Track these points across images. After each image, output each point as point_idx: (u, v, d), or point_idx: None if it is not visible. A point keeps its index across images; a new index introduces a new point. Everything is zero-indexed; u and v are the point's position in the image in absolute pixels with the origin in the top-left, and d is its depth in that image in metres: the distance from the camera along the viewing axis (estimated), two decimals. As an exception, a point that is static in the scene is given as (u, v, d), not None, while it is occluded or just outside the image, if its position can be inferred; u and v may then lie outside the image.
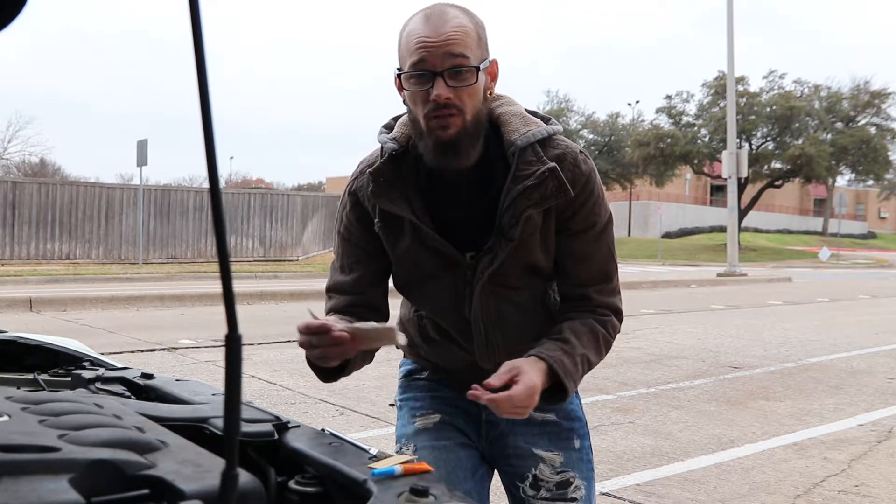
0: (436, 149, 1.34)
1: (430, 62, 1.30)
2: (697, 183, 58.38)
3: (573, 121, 45.57)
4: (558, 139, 1.44)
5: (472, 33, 1.33)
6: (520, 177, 1.38)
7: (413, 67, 1.31)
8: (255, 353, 6.99)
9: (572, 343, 1.39)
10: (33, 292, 11.33)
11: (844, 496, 3.55)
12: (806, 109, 39.37)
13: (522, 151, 1.39)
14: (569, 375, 1.35)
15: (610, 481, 3.68)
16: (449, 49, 1.30)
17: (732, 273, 21.06)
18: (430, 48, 1.30)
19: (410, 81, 1.33)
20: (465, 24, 1.33)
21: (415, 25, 1.33)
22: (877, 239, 59.39)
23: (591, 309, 1.45)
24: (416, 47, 1.31)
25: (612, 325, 1.46)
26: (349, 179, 1.53)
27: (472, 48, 1.32)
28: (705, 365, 7.03)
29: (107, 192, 20.07)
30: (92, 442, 0.68)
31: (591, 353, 1.41)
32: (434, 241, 1.42)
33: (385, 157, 1.43)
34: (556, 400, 1.38)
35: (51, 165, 52.10)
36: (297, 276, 17.12)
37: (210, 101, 0.49)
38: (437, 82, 1.30)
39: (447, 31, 1.30)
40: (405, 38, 1.34)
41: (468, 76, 1.32)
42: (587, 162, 1.43)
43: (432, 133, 1.34)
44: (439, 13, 1.33)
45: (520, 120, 1.42)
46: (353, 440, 0.91)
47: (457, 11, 1.35)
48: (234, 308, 0.51)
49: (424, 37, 1.30)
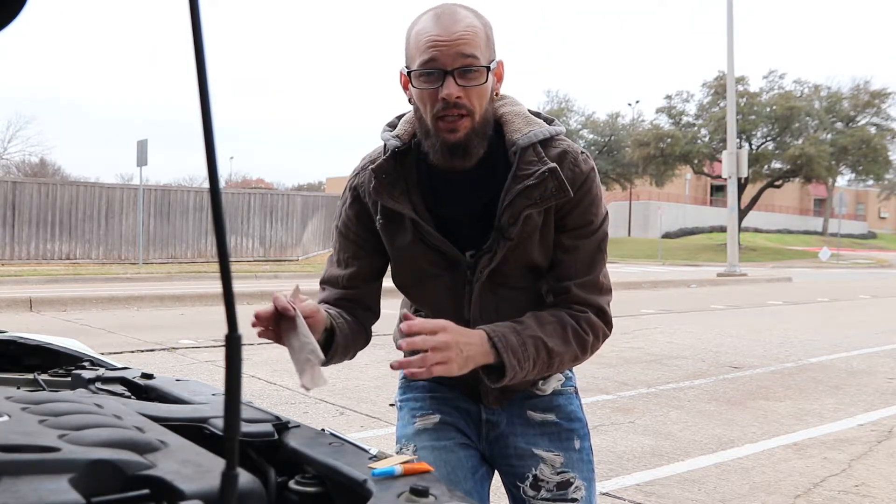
0: (444, 149, 1.35)
1: (440, 61, 1.31)
2: (697, 183, 58.39)
3: (573, 121, 45.54)
4: (560, 139, 1.44)
5: (481, 34, 1.34)
6: (520, 176, 1.38)
7: (423, 66, 1.32)
8: (255, 353, 6.99)
9: (526, 324, 1.38)
10: (33, 292, 11.33)
11: (844, 496, 3.55)
12: (806, 109, 39.36)
13: (524, 151, 1.40)
14: (511, 351, 1.34)
15: (610, 481, 3.68)
16: (460, 49, 1.30)
17: (732, 273, 21.06)
18: (442, 47, 1.30)
19: (420, 80, 1.33)
20: (475, 25, 1.34)
21: (425, 24, 1.34)
22: (877, 239, 59.41)
23: (568, 305, 1.44)
24: (427, 46, 1.31)
25: (587, 320, 1.42)
26: (350, 175, 1.53)
27: (481, 48, 1.33)
28: (705, 365, 7.04)
29: (107, 192, 20.07)
30: (92, 442, 0.68)
31: (551, 339, 1.38)
32: (434, 239, 1.43)
33: (388, 154, 1.44)
34: (498, 376, 1.37)
35: (51, 165, 52.06)
36: (297, 276, 17.12)
37: (210, 101, 0.49)
38: (447, 81, 1.31)
39: (458, 30, 1.31)
40: (414, 37, 1.35)
41: (478, 76, 1.32)
42: (587, 161, 1.44)
43: (440, 134, 1.34)
44: (450, 13, 1.33)
45: (522, 120, 1.43)
46: (353, 440, 0.91)
47: (467, 12, 1.35)
48: (234, 308, 0.51)
49: (435, 35, 1.31)
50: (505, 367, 1.34)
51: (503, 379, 1.36)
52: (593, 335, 1.43)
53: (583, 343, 1.42)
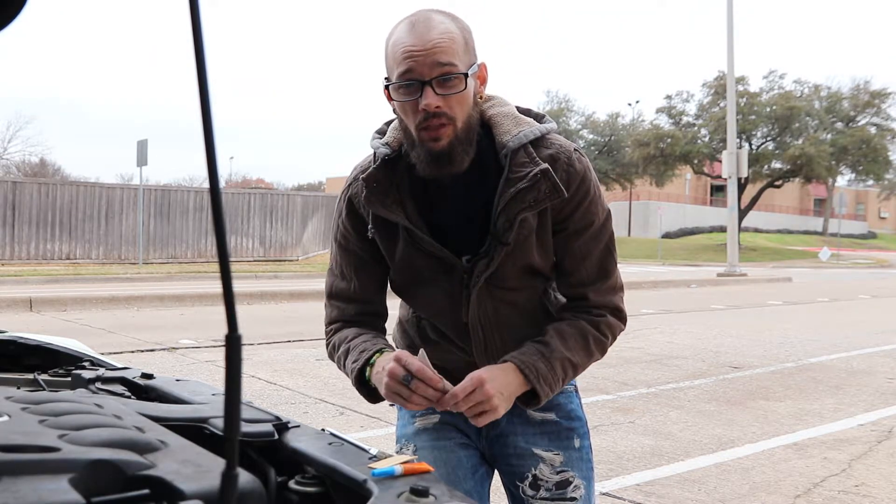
0: (428, 159, 1.34)
1: (417, 71, 1.28)
2: (697, 183, 58.39)
3: (573, 121, 45.54)
4: (552, 138, 1.42)
5: (458, 39, 1.31)
6: (512, 179, 1.36)
7: (401, 77, 1.30)
8: (255, 353, 6.99)
9: (552, 346, 1.40)
10: (33, 292, 11.33)
11: (844, 496, 3.55)
12: (806, 109, 39.36)
13: (514, 153, 1.38)
14: (542, 380, 1.38)
15: (610, 481, 3.68)
16: (436, 57, 1.28)
17: (732, 273, 21.06)
18: (417, 57, 1.28)
19: (399, 91, 1.31)
20: (451, 31, 1.31)
21: (400, 34, 1.31)
22: (877, 239, 59.40)
23: (587, 309, 1.45)
24: (403, 57, 1.29)
25: (606, 324, 1.45)
26: (344, 186, 1.52)
27: (459, 54, 1.30)
28: (705, 365, 7.04)
29: (107, 192, 20.07)
30: (92, 442, 0.68)
31: (576, 355, 1.42)
32: (429, 246, 1.42)
33: (378, 162, 1.42)
34: (532, 404, 1.42)
35: (51, 165, 52.05)
36: (297, 276, 17.12)
37: (210, 101, 0.49)
38: (425, 91, 1.29)
39: (433, 38, 1.28)
40: (391, 48, 1.32)
41: (457, 83, 1.30)
42: (581, 160, 1.41)
43: (424, 144, 1.33)
44: (424, 20, 1.31)
45: (511, 121, 1.41)
46: (353, 440, 0.91)
47: (442, 17, 1.32)
48: (234, 308, 0.51)
49: (410, 46, 1.29)
50: (538, 394, 1.39)
51: (535, 403, 1.42)
52: (611, 336, 1.48)
53: (602, 347, 1.47)
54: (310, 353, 7.11)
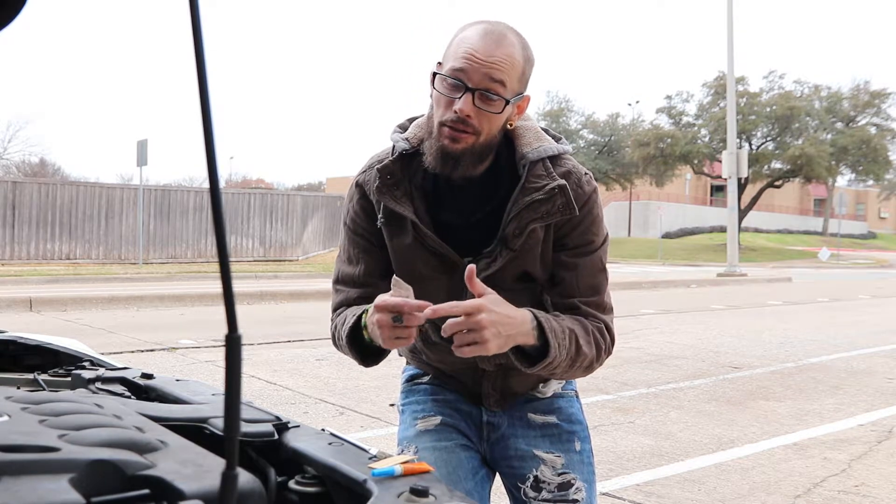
0: (438, 154, 1.36)
1: (468, 75, 1.31)
2: (697, 183, 58.40)
3: (573, 121, 45.59)
4: (566, 158, 1.46)
5: (518, 67, 1.35)
6: (528, 189, 1.40)
7: (451, 72, 1.33)
8: (255, 353, 6.99)
9: (561, 317, 1.40)
10: (33, 292, 11.33)
11: (844, 496, 3.55)
12: (806, 109, 39.38)
13: (533, 165, 1.41)
14: (554, 333, 1.33)
15: (610, 481, 3.68)
16: (490, 72, 1.31)
17: (732, 273, 21.06)
18: (475, 63, 1.31)
19: (444, 84, 1.34)
20: (514, 56, 1.34)
21: (471, 34, 1.34)
22: (877, 239, 59.42)
23: (583, 315, 1.45)
24: (463, 56, 1.32)
25: (601, 331, 1.44)
26: (357, 173, 1.54)
27: (511, 80, 1.34)
28: (705, 365, 7.04)
29: (107, 192, 20.06)
30: (92, 442, 0.68)
31: (580, 336, 1.39)
32: (433, 243, 1.43)
33: (395, 155, 1.45)
34: (537, 359, 1.35)
35: (51, 165, 52.09)
36: (297, 276, 17.12)
37: (210, 101, 0.49)
38: (465, 97, 1.32)
39: (497, 55, 1.32)
40: (457, 42, 1.36)
41: (497, 104, 1.33)
42: (591, 183, 1.46)
43: (440, 139, 1.35)
44: (498, 34, 1.34)
45: (533, 135, 1.45)
46: (353, 440, 0.91)
47: (514, 40, 1.35)
48: (234, 308, 0.51)
49: (474, 50, 1.32)
50: (548, 349, 1.33)
51: (540, 363, 1.35)
52: (605, 344, 1.44)
53: (598, 348, 1.43)
54: (310, 353, 7.11)
